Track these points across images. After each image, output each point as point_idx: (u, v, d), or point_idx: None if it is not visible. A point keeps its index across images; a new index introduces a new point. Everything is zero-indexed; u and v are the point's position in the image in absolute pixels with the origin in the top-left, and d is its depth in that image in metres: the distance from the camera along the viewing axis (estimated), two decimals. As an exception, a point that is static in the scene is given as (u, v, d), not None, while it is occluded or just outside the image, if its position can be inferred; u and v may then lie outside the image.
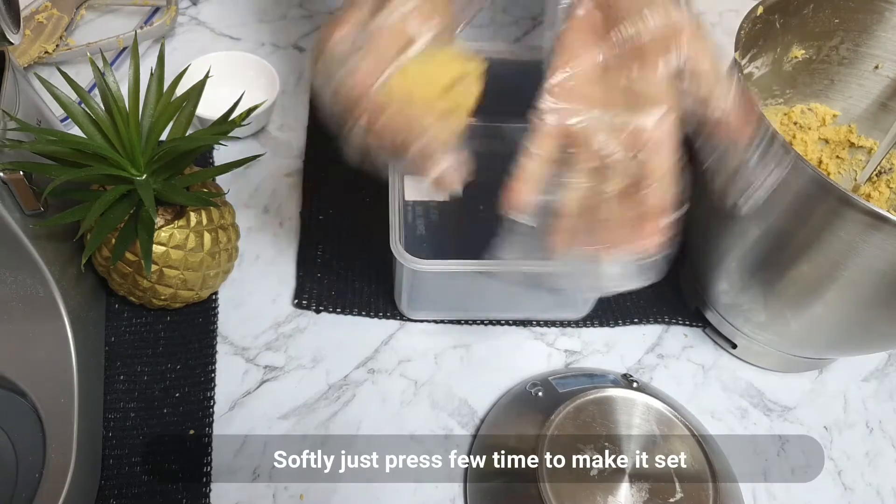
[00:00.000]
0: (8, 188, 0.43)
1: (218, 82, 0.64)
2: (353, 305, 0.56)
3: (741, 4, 0.50)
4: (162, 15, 0.72)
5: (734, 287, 0.51)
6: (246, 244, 0.59)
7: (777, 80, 0.56)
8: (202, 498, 0.46)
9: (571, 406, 0.47)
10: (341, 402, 0.52)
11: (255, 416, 0.50)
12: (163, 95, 0.48)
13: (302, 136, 0.67)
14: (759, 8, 0.48)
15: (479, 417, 0.52)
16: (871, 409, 0.56)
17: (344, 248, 0.59)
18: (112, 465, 0.47)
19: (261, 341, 0.54)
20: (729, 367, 0.57)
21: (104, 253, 0.48)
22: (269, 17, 0.78)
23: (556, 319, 0.57)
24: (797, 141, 0.57)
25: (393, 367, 0.54)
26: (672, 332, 0.58)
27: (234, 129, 0.49)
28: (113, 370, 0.51)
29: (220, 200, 0.51)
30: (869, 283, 0.42)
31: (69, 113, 0.46)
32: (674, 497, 0.44)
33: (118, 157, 0.45)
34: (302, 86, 0.71)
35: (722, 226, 0.48)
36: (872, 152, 0.57)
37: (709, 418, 0.54)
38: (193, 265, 0.49)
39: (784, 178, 0.41)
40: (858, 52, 0.54)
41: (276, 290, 0.57)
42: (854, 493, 0.52)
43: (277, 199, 0.62)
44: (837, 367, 0.58)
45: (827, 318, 0.47)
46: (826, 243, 0.41)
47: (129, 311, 0.53)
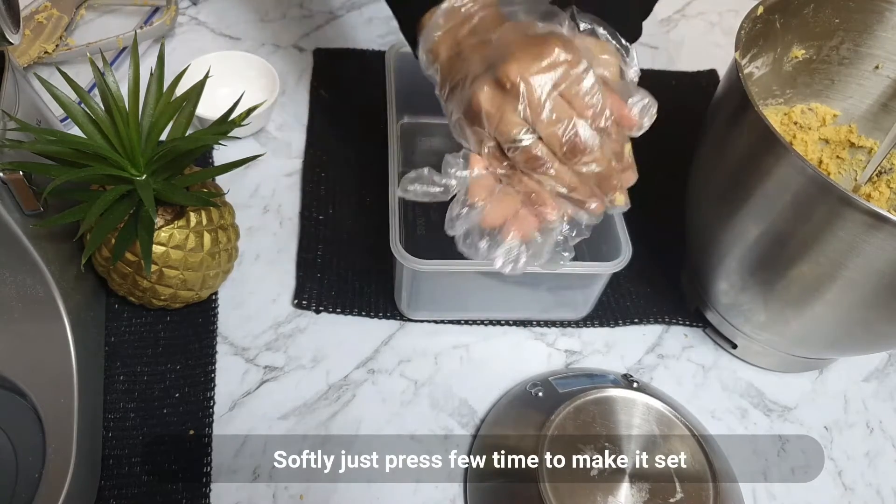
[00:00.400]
0: (8, 188, 0.43)
1: (218, 82, 0.64)
2: (353, 305, 0.56)
3: (741, 4, 0.50)
4: (162, 15, 0.72)
5: (734, 287, 0.51)
6: (246, 244, 0.59)
7: (777, 80, 0.56)
8: (202, 498, 0.46)
9: (571, 406, 0.47)
10: (341, 402, 0.52)
11: (255, 416, 0.50)
12: (163, 95, 0.48)
13: (302, 136, 0.67)
14: (759, 8, 0.48)
15: (479, 417, 0.52)
16: (871, 409, 0.56)
17: (344, 248, 0.59)
18: (112, 465, 0.47)
19: (261, 341, 0.54)
20: (729, 367, 0.57)
21: (104, 253, 0.48)
22: (269, 17, 0.78)
23: (556, 319, 0.57)
24: (797, 141, 0.57)
25: (393, 367, 0.54)
26: (672, 332, 0.58)
27: (234, 129, 0.49)
28: (113, 370, 0.51)
29: (220, 200, 0.51)
30: (869, 283, 0.42)
31: (69, 113, 0.46)
32: (674, 497, 0.44)
33: (118, 157, 0.45)
34: (302, 86, 0.71)
35: (722, 226, 0.48)
36: (872, 152, 0.57)
37: (709, 418, 0.54)
38: (193, 265, 0.49)
39: (784, 178, 0.41)
40: (859, 52, 0.54)
41: (276, 290, 0.57)
42: (854, 493, 0.52)
43: (277, 199, 0.62)
44: (837, 367, 0.58)
45: (827, 318, 0.47)
46: (826, 243, 0.41)
47: (129, 311, 0.54)
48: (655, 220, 0.63)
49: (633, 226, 0.52)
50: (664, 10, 0.87)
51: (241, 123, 0.49)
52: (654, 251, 0.61)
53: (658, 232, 0.62)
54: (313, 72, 0.72)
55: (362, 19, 0.79)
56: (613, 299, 0.59)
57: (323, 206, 0.62)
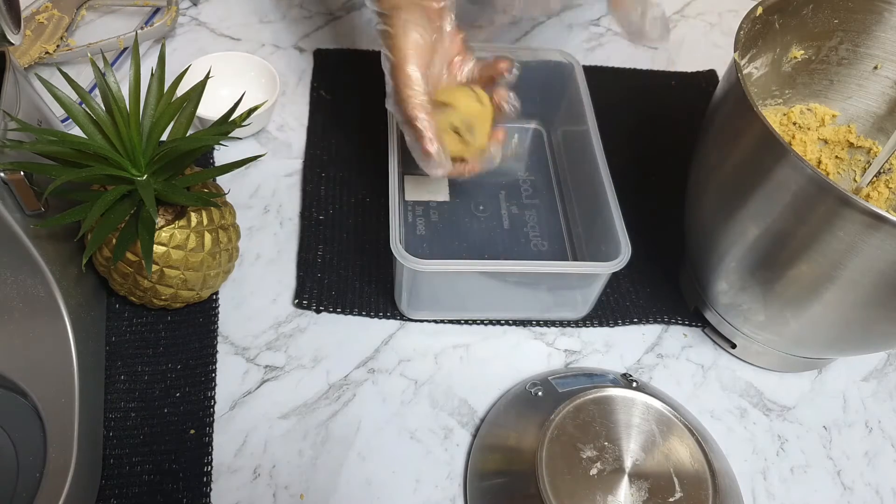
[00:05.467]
0: (9, 188, 0.44)
1: (218, 83, 0.64)
2: (353, 305, 0.56)
3: (741, 4, 0.50)
4: (162, 15, 0.72)
5: (734, 287, 0.51)
6: (246, 244, 0.59)
7: (776, 81, 0.56)
8: (202, 498, 0.46)
9: (571, 406, 0.47)
10: (341, 401, 0.52)
11: (255, 416, 0.51)
12: (163, 96, 0.48)
13: (302, 136, 0.67)
14: (758, 8, 0.48)
15: (479, 417, 0.52)
16: (870, 409, 0.56)
17: (344, 248, 0.59)
18: (113, 465, 0.47)
19: (261, 341, 0.54)
20: (728, 366, 0.57)
21: (105, 253, 0.48)
22: (269, 18, 0.78)
23: (555, 319, 0.57)
24: (796, 141, 0.57)
25: (393, 367, 0.54)
26: (671, 331, 0.59)
27: (235, 129, 0.50)
28: (114, 370, 0.51)
29: (221, 200, 0.51)
30: (868, 283, 0.42)
31: (70, 113, 0.46)
32: (673, 497, 0.44)
33: (119, 157, 0.45)
34: (302, 86, 0.72)
35: (721, 226, 0.48)
36: (871, 152, 0.57)
37: (708, 418, 0.54)
38: (194, 265, 0.49)
39: (783, 178, 0.41)
40: (858, 53, 0.55)
41: (276, 290, 0.57)
42: (853, 493, 0.52)
43: (277, 199, 0.63)
44: (837, 366, 0.58)
45: (826, 318, 0.47)
46: (825, 243, 0.41)
47: (129, 310, 0.54)
48: (655, 220, 0.64)
49: (632, 226, 0.53)
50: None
51: (241, 124, 0.50)
52: (654, 251, 0.61)
53: (658, 232, 0.63)
54: (313, 72, 0.72)
55: (362, 20, 0.79)
56: (613, 299, 0.59)
57: (323, 206, 0.62)
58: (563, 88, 0.64)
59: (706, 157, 0.50)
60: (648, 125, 0.71)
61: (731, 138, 0.46)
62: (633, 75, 0.77)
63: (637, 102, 0.73)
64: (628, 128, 0.70)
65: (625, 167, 0.66)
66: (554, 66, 0.64)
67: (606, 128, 0.59)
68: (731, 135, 0.46)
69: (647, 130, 0.71)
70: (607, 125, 0.60)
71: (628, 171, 0.64)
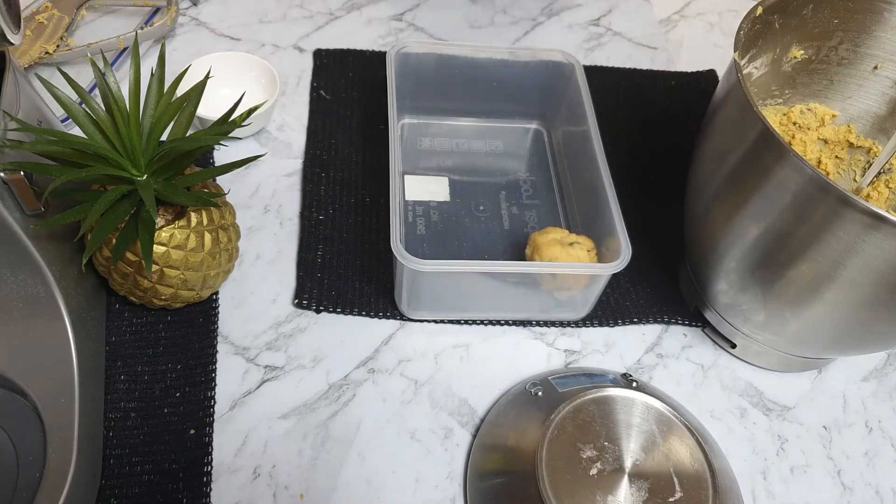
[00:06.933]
0: (9, 188, 0.44)
1: (218, 83, 0.64)
2: (353, 305, 0.56)
3: (741, 4, 0.50)
4: (162, 15, 0.72)
5: (733, 287, 0.51)
6: (246, 244, 0.59)
7: (776, 81, 0.56)
8: (202, 497, 0.46)
9: (571, 406, 0.47)
10: (341, 401, 0.52)
11: (255, 416, 0.51)
12: (163, 96, 0.48)
13: (302, 136, 0.67)
14: (758, 8, 0.48)
15: (479, 417, 0.52)
16: (870, 409, 0.56)
17: (344, 248, 0.59)
18: (113, 465, 0.47)
19: (261, 341, 0.54)
20: (728, 366, 0.57)
21: (105, 253, 0.48)
22: (269, 18, 0.78)
23: (555, 319, 0.57)
24: (796, 141, 0.57)
25: (393, 367, 0.54)
26: (671, 331, 0.59)
27: (235, 129, 0.50)
28: (114, 370, 0.51)
29: (221, 200, 0.51)
30: (868, 283, 0.42)
31: (70, 113, 0.46)
32: (673, 496, 0.44)
33: (119, 157, 0.45)
34: (302, 86, 0.72)
35: (721, 226, 0.48)
36: (871, 152, 0.57)
37: (708, 418, 0.54)
38: (194, 265, 0.49)
39: (783, 178, 0.41)
40: (858, 53, 0.55)
41: (276, 290, 0.57)
42: (853, 493, 0.52)
43: (277, 199, 0.63)
44: (837, 366, 0.58)
45: (826, 318, 0.47)
46: (825, 243, 0.41)
47: (129, 310, 0.54)
48: (655, 220, 0.64)
49: (632, 226, 0.53)
50: (664, 10, 0.87)
51: (241, 124, 0.50)
52: (654, 251, 0.61)
53: (658, 232, 0.63)
54: (313, 72, 0.72)
55: (362, 20, 0.79)
56: (613, 299, 0.59)
57: (323, 206, 0.62)
58: (564, 88, 0.65)
59: (706, 157, 0.50)
60: (648, 125, 0.71)
61: (730, 138, 0.46)
62: (633, 75, 0.77)
63: (637, 102, 0.73)
64: (628, 128, 0.70)
65: (625, 167, 0.66)
66: (554, 66, 0.64)
67: (606, 128, 0.59)
68: (731, 135, 0.46)
69: (647, 130, 0.71)
70: (607, 125, 0.60)
71: (628, 171, 0.64)
